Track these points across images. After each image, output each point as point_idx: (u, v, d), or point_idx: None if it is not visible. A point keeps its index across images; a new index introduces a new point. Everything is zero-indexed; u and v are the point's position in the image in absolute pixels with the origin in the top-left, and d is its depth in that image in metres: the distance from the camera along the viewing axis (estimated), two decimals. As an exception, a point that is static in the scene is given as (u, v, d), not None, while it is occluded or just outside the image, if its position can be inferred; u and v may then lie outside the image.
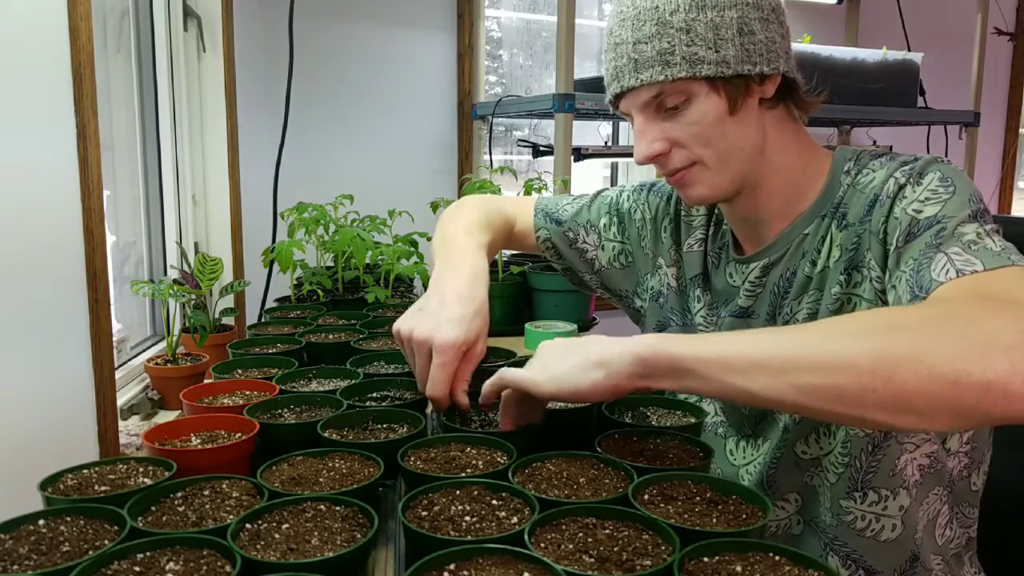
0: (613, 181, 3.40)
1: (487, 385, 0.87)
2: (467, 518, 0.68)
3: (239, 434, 0.87)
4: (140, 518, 0.69)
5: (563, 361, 0.79)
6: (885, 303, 0.86)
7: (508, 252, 2.04)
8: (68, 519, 0.67)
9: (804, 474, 0.97)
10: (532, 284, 1.87)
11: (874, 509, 0.93)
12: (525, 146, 2.72)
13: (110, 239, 1.50)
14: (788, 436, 0.96)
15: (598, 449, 0.83)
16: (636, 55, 0.87)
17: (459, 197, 2.20)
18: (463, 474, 0.77)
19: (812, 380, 0.65)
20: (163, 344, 1.61)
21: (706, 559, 0.62)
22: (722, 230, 1.07)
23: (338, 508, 0.70)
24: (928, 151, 3.06)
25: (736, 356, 0.69)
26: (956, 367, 0.59)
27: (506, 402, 0.86)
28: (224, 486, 0.74)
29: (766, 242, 0.98)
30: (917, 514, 0.94)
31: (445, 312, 0.93)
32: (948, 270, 0.75)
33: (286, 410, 0.96)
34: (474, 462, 0.80)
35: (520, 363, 1.18)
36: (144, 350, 1.76)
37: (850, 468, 0.93)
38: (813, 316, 0.93)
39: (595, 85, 2.50)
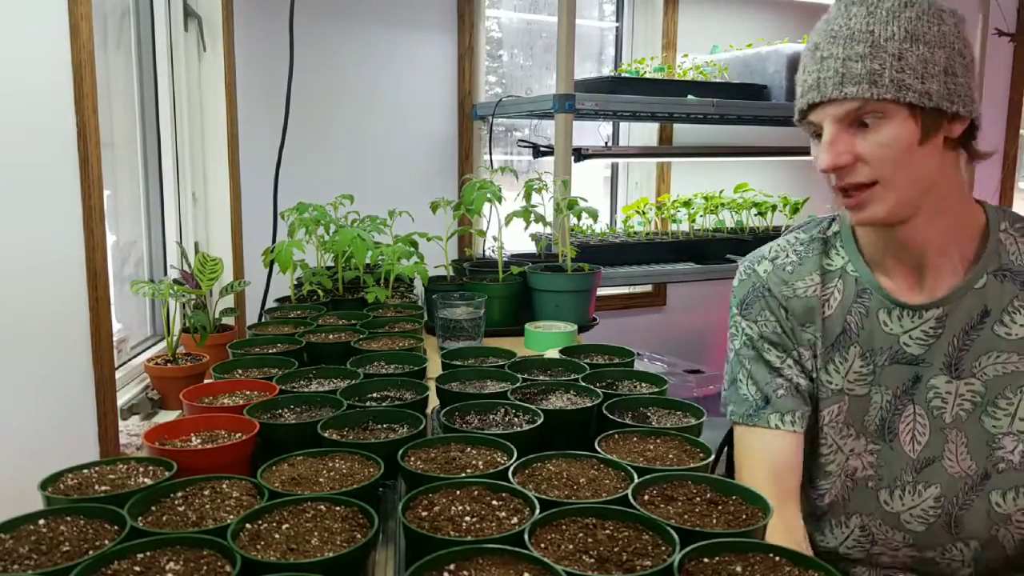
0: (613, 181, 3.39)
1: None
2: (467, 518, 0.68)
3: (239, 434, 0.87)
4: (140, 518, 0.69)
5: None
6: None
7: (508, 252, 2.04)
8: (68, 519, 0.67)
9: (992, 525, 1.00)
10: (532, 284, 1.87)
11: None
12: (525, 146, 2.72)
13: (110, 239, 1.50)
14: (987, 485, 0.99)
15: (598, 449, 0.83)
16: (844, 70, 0.92)
17: (459, 197, 2.20)
18: (463, 474, 0.77)
19: None
20: (163, 344, 1.61)
21: (706, 560, 0.62)
22: (851, 279, 1.05)
23: (338, 508, 0.70)
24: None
25: None
26: None
27: None
28: (224, 486, 0.74)
29: (938, 292, 1.00)
30: None
31: None
32: None
33: (286, 410, 0.96)
34: (474, 462, 0.80)
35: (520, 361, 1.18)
36: (144, 350, 1.76)
37: None
38: (1010, 374, 0.98)
39: (595, 85, 2.50)
